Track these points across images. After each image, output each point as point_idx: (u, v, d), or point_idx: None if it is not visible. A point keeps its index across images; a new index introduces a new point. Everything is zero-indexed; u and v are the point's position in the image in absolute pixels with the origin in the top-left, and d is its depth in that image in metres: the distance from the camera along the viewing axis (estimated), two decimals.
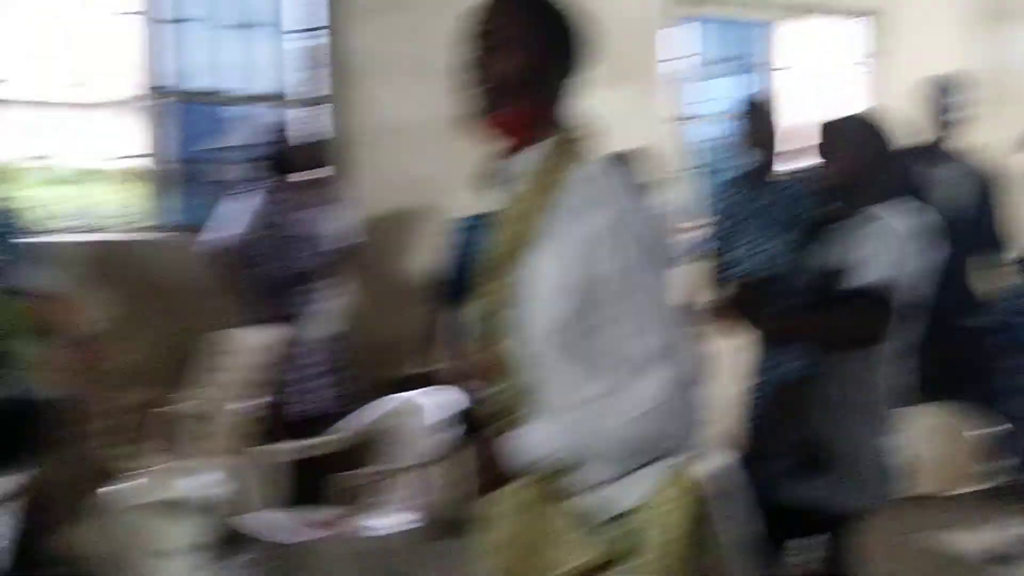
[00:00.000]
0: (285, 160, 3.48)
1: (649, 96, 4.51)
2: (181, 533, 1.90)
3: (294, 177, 3.48)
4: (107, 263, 3.50)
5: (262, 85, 4.05)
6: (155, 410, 3.19)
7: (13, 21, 3.62)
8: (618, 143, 3.56)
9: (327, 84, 4.06)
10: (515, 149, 1.36)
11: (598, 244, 1.25)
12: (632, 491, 1.32)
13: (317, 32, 4.05)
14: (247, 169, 3.73)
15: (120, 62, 3.79)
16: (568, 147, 1.35)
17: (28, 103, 3.80)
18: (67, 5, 3.74)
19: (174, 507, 2.03)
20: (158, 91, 3.73)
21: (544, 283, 1.28)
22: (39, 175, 4.17)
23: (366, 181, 3.86)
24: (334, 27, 4.02)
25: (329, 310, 3.52)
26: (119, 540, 1.90)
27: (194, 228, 3.67)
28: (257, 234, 3.37)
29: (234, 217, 3.41)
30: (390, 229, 3.96)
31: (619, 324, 1.25)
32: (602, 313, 1.25)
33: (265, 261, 3.37)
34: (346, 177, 3.84)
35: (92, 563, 2.51)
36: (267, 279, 3.38)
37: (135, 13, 3.69)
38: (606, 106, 1.85)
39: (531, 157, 1.35)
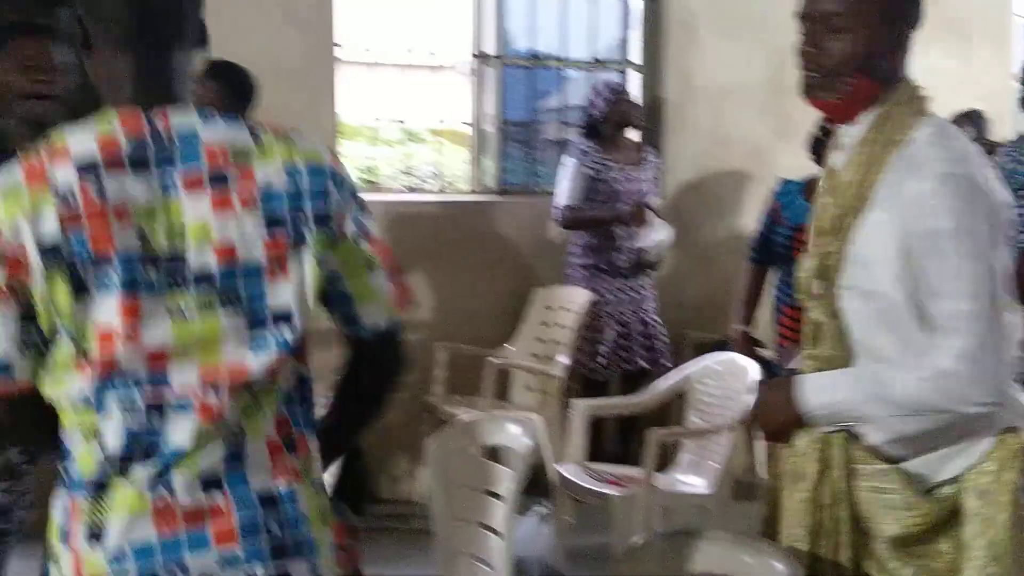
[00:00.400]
0: (607, 122, 3.63)
1: (995, 55, 4.31)
2: (499, 479, 2.04)
3: (612, 139, 3.64)
4: (435, 223, 3.86)
5: (582, 49, 4.21)
6: (488, 360, 3.49)
7: None
8: (955, 104, 3.48)
9: (648, 46, 4.15)
10: (849, 118, 1.39)
11: (929, 201, 1.27)
12: (956, 459, 1.34)
13: None
14: (571, 131, 3.93)
15: (450, 26, 4.09)
16: (903, 110, 1.36)
17: (363, 64, 4.22)
18: None
19: (494, 453, 2.18)
20: (485, 55, 4.00)
21: (876, 245, 1.31)
22: (371, 134, 4.70)
23: (687, 143, 3.97)
24: None
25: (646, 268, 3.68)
26: (442, 482, 2.09)
27: (520, 189, 4.03)
28: (582, 194, 3.57)
29: (565, 182, 3.62)
30: (710, 190, 4.07)
31: (933, 284, 1.27)
32: (921, 272, 1.28)
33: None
34: (669, 138, 3.96)
35: (417, 504, 2.75)
36: (589, 239, 3.61)
37: None
38: (945, 66, 1.82)
39: (865, 122, 1.37)
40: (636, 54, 4.18)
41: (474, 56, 4.00)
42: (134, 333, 1.10)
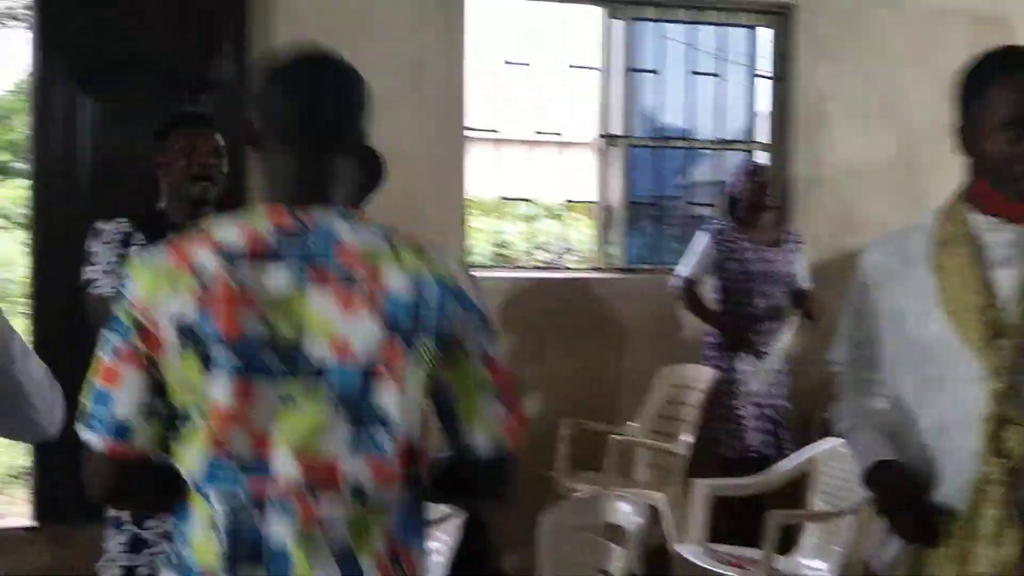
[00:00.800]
0: (744, 201, 3.78)
1: None
2: (614, 558, 2.09)
3: (749, 218, 3.78)
4: (562, 299, 4.07)
5: (709, 128, 4.41)
6: (611, 437, 3.61)
7: (482, 65, 4.38)
8: None
9: (776, 127, 4.36)
10: None
11: None
12: None
13: (769, 76, 4.36)
14: (704, 209, 4.11)
15: (577, 106, 4.34)
16: None
17: (491, 141, 4.49)
18: (531, 52, 4.41)
19: (610, 532, 2.24)
20: (611, 136, 4.22)
21: None
22: (499, 210, 5.00)
23: (816, 224, 4.08)
24: (786, 71, 4.33)
25: (777, 350, 3.74)
26: (556, 561, 2.16)
27: (648, 266, 4.24)
28: (713, 273, 3.73)
29: (692, 256, 3.78)
30: (839, 272, 4.10)
31: None
32: None
33: (722, 300, 3.73)
34: (799, 219, 4.08)
35: None
36: (723, 317, 3.73)
37: (591, 67, 4.27)
38: None
39: None
40: (763, 134, 4.33)
41: (601, 136, 4.21)
42: (243, 414, 1.15)
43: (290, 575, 1.14)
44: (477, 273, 3.38)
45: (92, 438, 1.17)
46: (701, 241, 3.74)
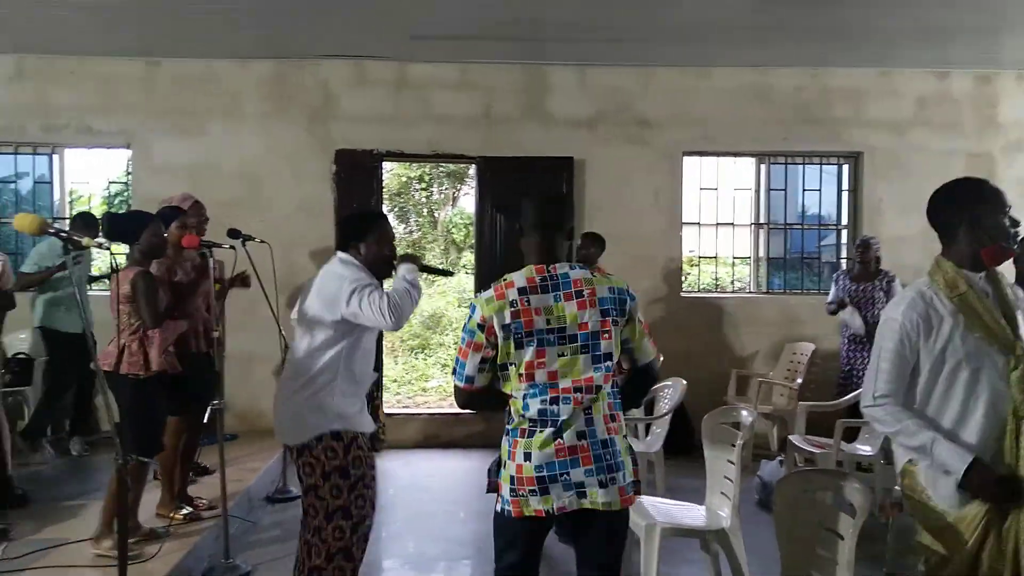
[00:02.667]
0: (858, 259, 5.90)
1: None
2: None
3: (862, 269, 5.96)
4: (732, 310, 7.00)
5: (817, 218, 7.22)
6: (759, 379, 6.60)
7: (688, 186, 7.32)
8: None
9: (851, 216, 7.04)
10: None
11: None
12: None
13: (848, 189, 7.04)
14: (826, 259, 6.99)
15: (740, 206, 7.43)
16: None
17: (696, 224, 7.56)
18: (714, 180, 7.42)
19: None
20: (759, 222, 7.21)
21: None
22: (694, 262, 8.04)
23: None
24: (857, 185, 7.02)
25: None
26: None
27: (781, 291, 7.20)
28: (838, 297, 5.89)
29: (833, 290, 6.04)
30: None
31: None
32: None
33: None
34: None
35: None
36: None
37: (747, 189, 7.30)
38: None
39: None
40: (845, 220, 7.09)
41: (752, 224, 7.23)
42: (542, 364, 2.20)
43: (564, 428, 2.19)
44: (689, 294, 6.52)
45: (456, 381, 2.33)
46: (834, 282, 5.92)
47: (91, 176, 7.28)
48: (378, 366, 6.42)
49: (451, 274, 3.69)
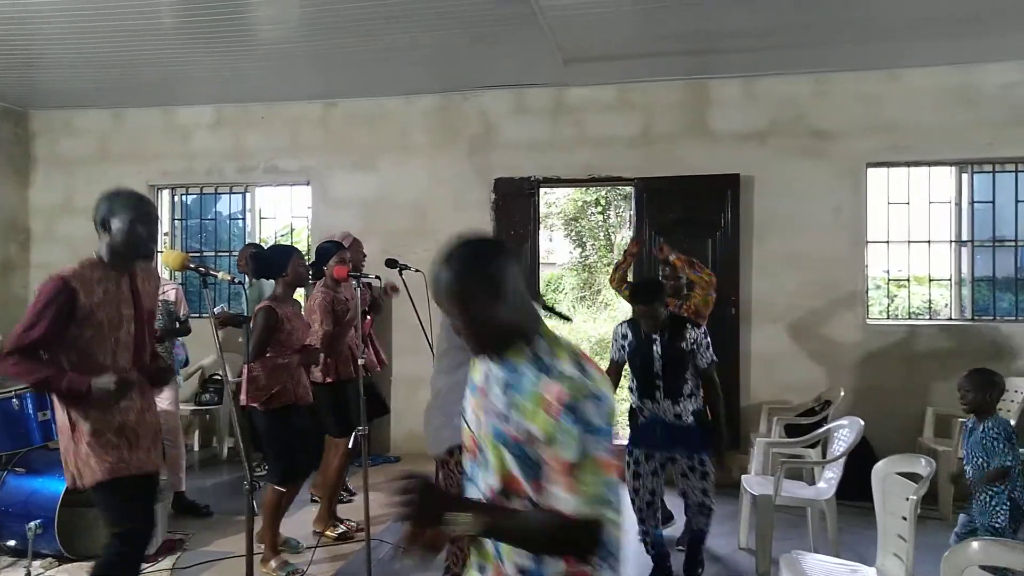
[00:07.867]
0: None
1: None
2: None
3: None
4: (932, 340, 6.11)
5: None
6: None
7: (873, 202, 6.67)
8: None
9: None
10: None
11: None
12: None
13: None
14: None
15: (937, 221, 6.48)
16: None
17: (884, 243, 6.71)
18: (907, 193, 6.61)
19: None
20: (961, 240, 6.27)
21: None
22: (884, 283, 7.12)
23: None
24: None
25: None
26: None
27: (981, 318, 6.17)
28: None
29: None
30: None
31: None
32: None
33: None
34: None
35: None
36: None
37: (946, 202, 6.37)
38: None
39: None
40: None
41: (952, 241, 6.27)
42: None
43: None
44: (876, 322, 5.78)
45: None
46: None
47: (276, 211, 7.65)
48: None
49: (570, 320, 3.51)
